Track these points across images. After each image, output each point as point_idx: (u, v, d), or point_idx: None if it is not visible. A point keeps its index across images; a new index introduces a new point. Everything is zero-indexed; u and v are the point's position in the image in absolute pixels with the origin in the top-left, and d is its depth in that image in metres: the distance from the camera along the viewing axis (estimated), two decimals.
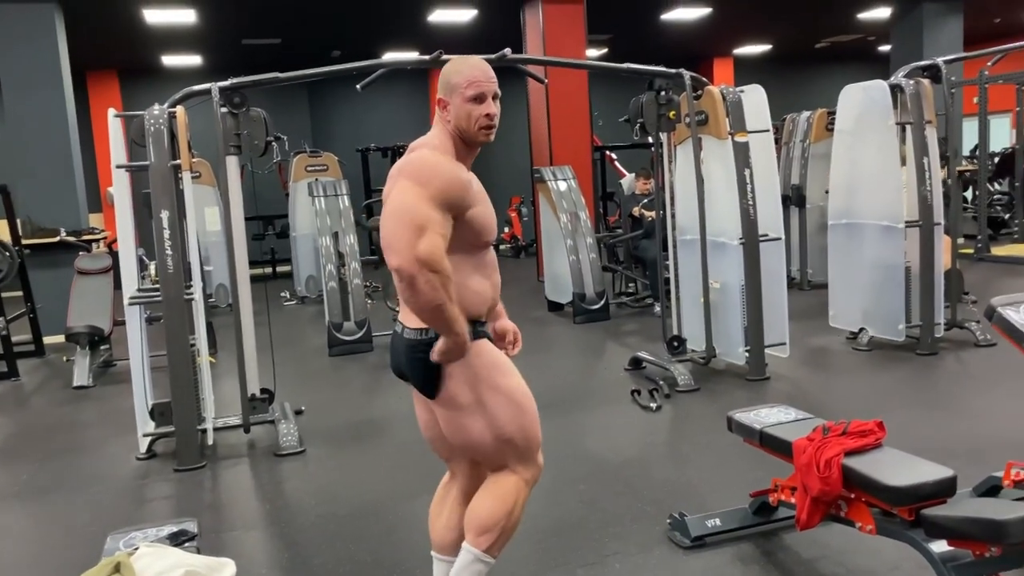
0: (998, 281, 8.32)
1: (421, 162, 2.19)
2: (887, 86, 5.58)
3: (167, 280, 4.26)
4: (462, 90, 2.22)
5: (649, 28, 12.56)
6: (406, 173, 2.17)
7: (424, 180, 2.12)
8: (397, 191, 2.14)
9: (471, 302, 2.27)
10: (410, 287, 2.03)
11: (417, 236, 2.03)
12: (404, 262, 2.02)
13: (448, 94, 2.25)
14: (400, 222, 2.06)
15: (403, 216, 2.07)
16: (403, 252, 2.02)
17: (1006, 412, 4.47)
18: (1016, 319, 2.89)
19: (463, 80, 2.23)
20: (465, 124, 2.24)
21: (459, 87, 2.23)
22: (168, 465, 4.38)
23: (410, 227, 2.04)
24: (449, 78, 2.26)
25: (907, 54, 11.16)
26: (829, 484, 2.56)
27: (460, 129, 2.25)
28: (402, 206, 2.09)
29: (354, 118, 14.96)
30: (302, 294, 10.16)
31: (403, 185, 2.14)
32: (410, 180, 2.14)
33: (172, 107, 4.41)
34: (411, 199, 2.09)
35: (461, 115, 2.23)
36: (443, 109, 2.27)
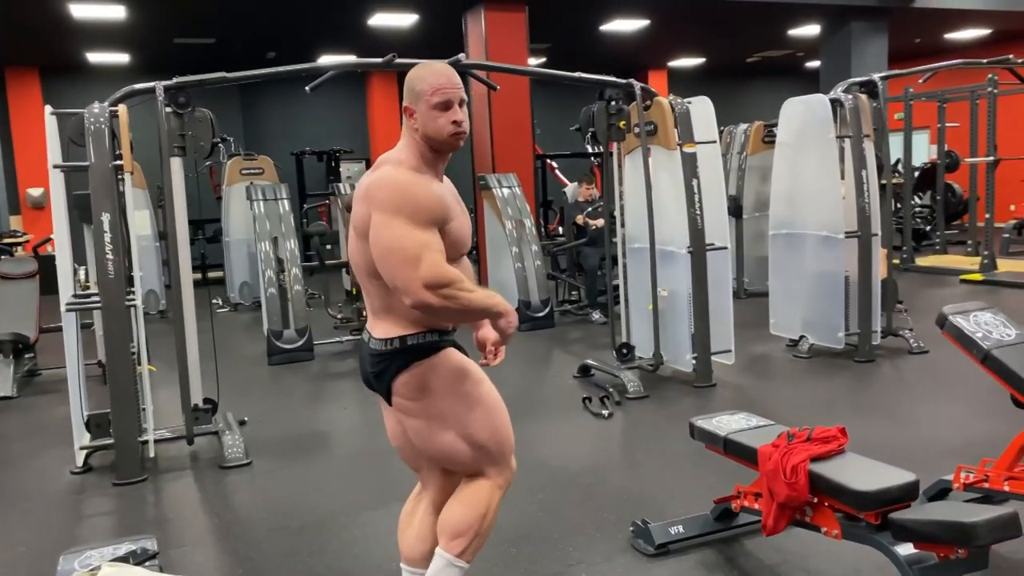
0: (924, 291, 8.65)
1: (391, 188, 2.13)
2: (827, 100, 5.75)
3: (107, 286, 4.08)
4: (427, 97, 2.17)
5: (588, 38, 12.69)
6: (379, 204, 2.12)
7: (400, 207, 2.09)
8: (379, 227, 2.10)
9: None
10: (433, 313, 2.09)
11: (416, 267, 2.03)
12: (415, 297, 2.05)
13: (414, 102, 2.20)
14: (397, 261, 2.06)
15: (396, 253, 2.06)
16: (410, 288, 2.05)
17: (943, 417, 4.63)
18: (966, 327, 2.99)
19: (428, 87, 2.18)
20: (433, 132, 2.19)
21: (424, 94, 2.18)
22: (106, 479, 4.19)
23: (407, 262, 2.04)
24: (414, 85, 2.21)
25: (836, 70, 11.55)
26: (796, 490, 2.59)
27: (428, 137, 2.21)
28: (391, 243, 2.07)
29: (288, 121, 14.69)
30: (236, 301, 9.91)
31: (382, 220, 2.10)
32: (387, 212, 2.09)
33: (113, 105, 4.23)
34: (397, 232, 2.07)
35: (429, 123, 2.19)
36: (410, 117, 2.22)
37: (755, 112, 11.81)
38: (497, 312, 2.16)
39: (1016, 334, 2.99)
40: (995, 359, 2.89)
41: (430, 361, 2.22)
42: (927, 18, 12.21)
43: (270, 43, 12.05)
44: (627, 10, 10.95)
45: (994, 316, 3.07)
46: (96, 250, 4.06)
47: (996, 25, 13.32)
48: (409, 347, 2.20)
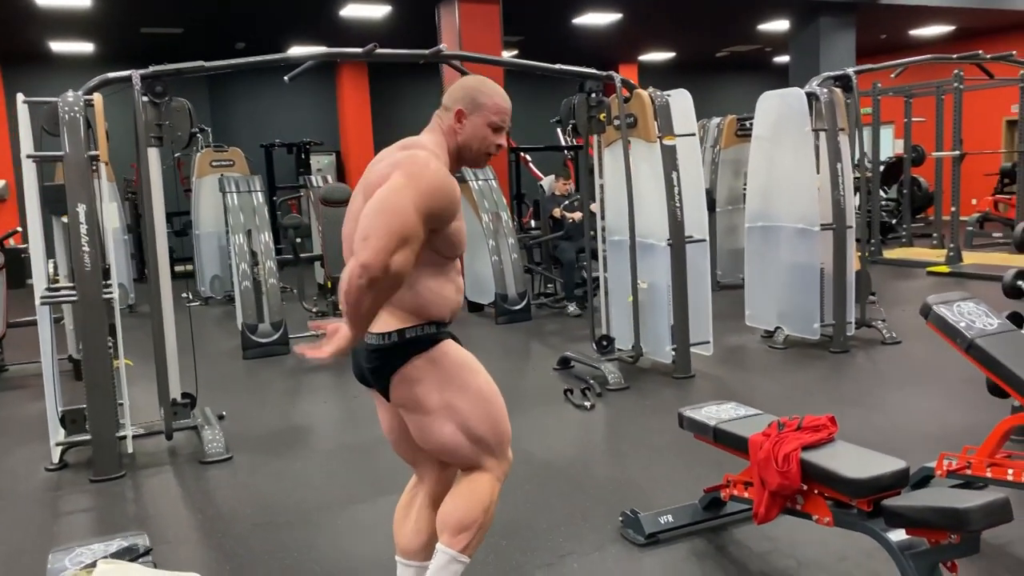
0: (893, 283, 8.80)
1: (425, 166, 2.10)
2: (803, 94, 5.81)
3: (84, 279, 3.99)
4: (489, 114, 2.22)
5: (560, 32, 12.69)
6: (406, 169, 2.08)
7: (423, 188, 2.04)
8: (393, 186, 2.05)
9: (439, 306, 2.24)
10: (369, 285, 1.96)
11: (398, 246, 1.98)
12: (376, 264, 1.94)
13: (471, 110, 2.22)
14: (388, 224, 1.98)
15: (393, 219, 1.99)
16: (379, 254, 1.95)
17: (919, 406, 4.72)
18: (950, 316, 3.04)
19: (493, 105, 2.22)
20: (476, 145, 2.24)
21: (486, 108, 2.22)
22: (83, 476, 4.11)
23: (396, 234, 1.98)
24: (477, 96, 2.22)
25: (805, 65, 11.68)
26: (788, 478, 2.62)
27: (467, 147, 2.24)
28: (394, 207, 2.01)
29: (257, 113, 14.51)
30: (206, 295, 9.78)
31: (400, 183, 2.05)
32: (409, 181, 2.05)
33: (88, 94, 4.13)
34: (404, 203, 2.02)
35: (476, 134, 2.22)
36: (457, 120, 2.22)
37: (724, 106, 11.91)
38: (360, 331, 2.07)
39: (998, 324, 3.05)
40: (979, 348, 2.95)
41: (429, 354, 2.21)
42: (893, 14, 12.39)
43: (239, 33, 11.88)
44: (600, 3, 10.97)
45: (976, 306, 3.13)
46: (72, 242, 3.97)
47: (959, 22, 13.57)
48: (408, 340, 2.18)
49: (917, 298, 8.05)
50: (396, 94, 15.22)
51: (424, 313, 2.20)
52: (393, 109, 15.14)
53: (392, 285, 2.01)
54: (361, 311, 2.02)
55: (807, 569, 2.87)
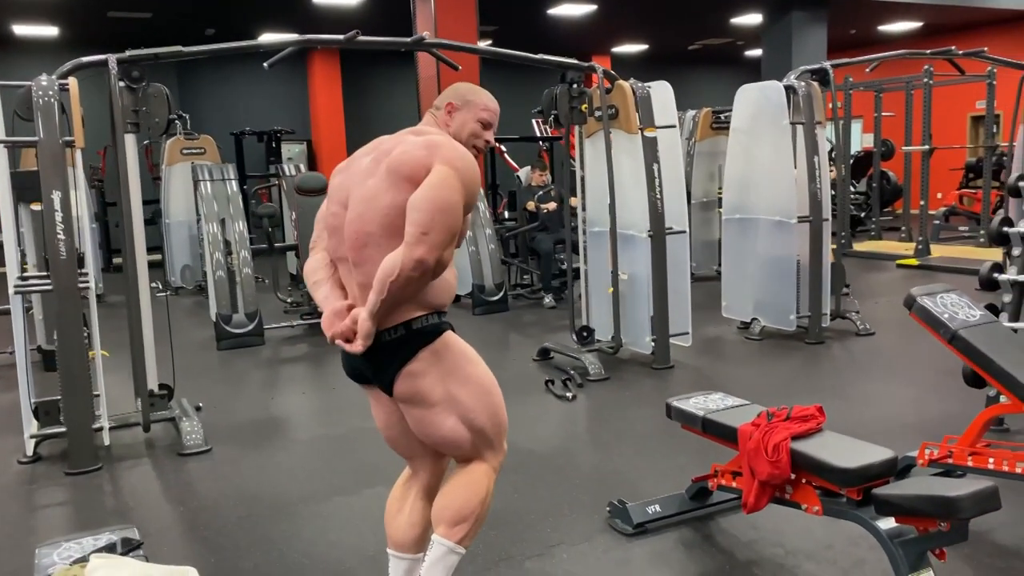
0: (863, 275, 8.92)
1: (464, 156, 2.16)
2: (782, 87, 5.85)
3: (59, 267, 3.91)
4: (478, 110, 2.34)
5: (535, 22, 12.65)
6: (449, 159, 2.11)
7: (467, 179, 2.12)
8: (446, 181, 2.07)
9: (443, 292, 2.24)
10: (421, 278, 2.06)
11: (450, 241, 2.09)
12: (432, 259, 2.04)
13: (462, 105, 2.33)
14: (446, 223, 2.06)
15: (451, 217, 2.07)
16: (436, 249, 2.05)
17: (895, 396, 4.79)
18: (933, 308, 3.08)
19: (482, 103, 2.34)
20: (464, 138, 2.31)
21: (476, 106, 2.33)
22: (58, 469, 4.03)
23: (451, 231, 2.08)
24: (467, 95, 2.36)
25: (777, 59, 11.79)
26: (779, 468, 2.64)
27: (456, 138, 2.29)
28: (449, 204, 2.07)
29: (228, 101, 14.30)
30: (177, 284, 9.64)
31: (450, 176, 2.08)
32: (456, 174, 2.09)
33: (63, 78, 4.03)
34: (456, 199, 2.09)
35: (465, 129, 2.32)
36: (448, 113, 2.34)
37: (696, 99, 11.97)
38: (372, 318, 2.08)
39: (980, 315, 3.10)
40: (962, 339, 2.99)
41: (433, 346, 2.19)
42: (863, 9, 12.55)
43: (210, 19, 11.68)
44: None
45: (959, 297, 3.18)
46: (47, 230, 3.88)
47: (927, 19, 13.77)
48: (415, 333, 2.16)
49: (888, 290, 8.25)
50: (368, 84, 15.09)
51: (428, 301, 2.18)
52: (365, 99, 15.01)
53: (435, 274, 2.10)
54: (401, 298, 2.08)
55: (794, 557, 2.90)
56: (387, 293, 2.04)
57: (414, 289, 2.07)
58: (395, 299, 2.06)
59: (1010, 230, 3.90)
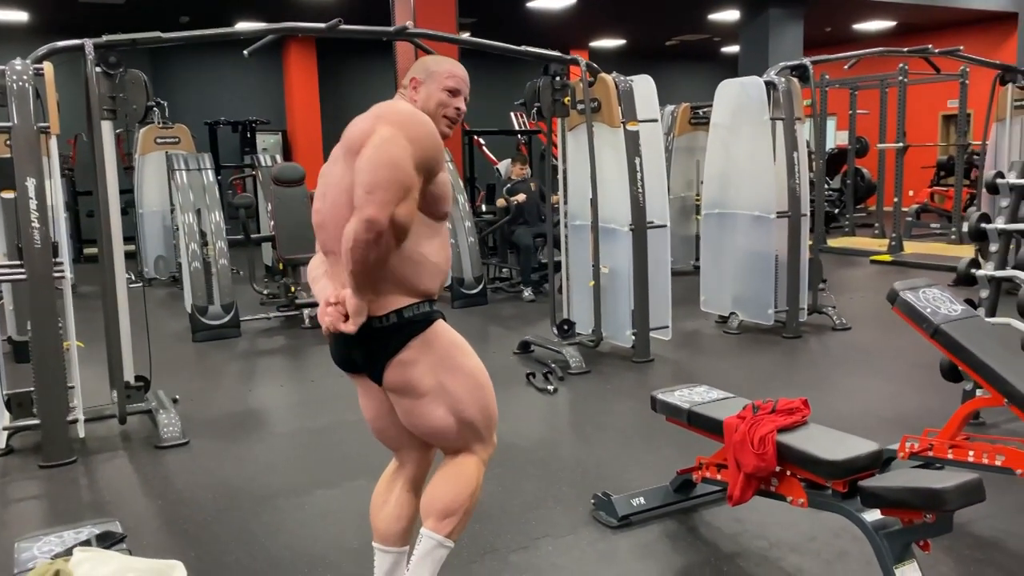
0: (838, 271, 9.01)
1: (410, 114, 2.10)
2: (762, 82, 5.88)
3: (33, 257, 3.82)
4: (442, 79, 2.24)
5: (513, 15, 12.61)
6: (391, 120, 2.06)
7: (414, 136, 2.04)
8: (385, 137, 2.02)
9: (431, 276, 2.18)
10: (376, 241, 1.97)
11: (402, 196, 2.00)
12: (383, 217, 1.96)
13: (424, 77, 2.24)
14: (391, 176, 1.99)
15: (394, 171, 1.99)
16: (385, 207, 1.97)
17: (870, 390, 4.84)
18: (916, 302, 3.11)
19: (445, 71, 2.24)
20: (432, 109, 2.21)
21: (439, 75, 2.25)
22: (31, 461, 3.96)
23: (400, 186, 2.00)
24: (429, 65, 2.28)
25: (755, 55, 11.86)
26: (765, 460, 2.65)
27: (426, 112, 2.20)
28: (391, 158, 2.00)
29: (202, 90, 14.10)
30: (150, 275, 9.50)
31: (392, 134, 2.02)
32: (399, 129, 2.03)
33: (37, 63, 3.95)
34: (399, 152, 2.01)
35: (432, 100, 2.22)
36: (413, 88, 2.25)
37: (673, 94, 11.98)
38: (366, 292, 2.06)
39: (962, 310, 3.14)
40: (944, 333, 3.02)
41: (424, 336, 2.16)
42: (839, 7, 12.65)
43: (184, 7, 11.50)
44: None
45: (941, 292, 3.21)
46: (21, 219, 3.79)
47: (900, 18, 13.92)
48: (406, 321, 2.13)
49: (863, 286, 8.33)
50: (345, 75, 14.96)
51: (419, 287, 2.15)
52: (341, 90, 14.88)
53: (398, 237, 2.03)
54: (368, 268, 2.01)
55: (778, 549, 2.92)
56: (352, 263, 2.00)
57: (377, 255, 1.98)
58: (365, 268, 2.00)
59: (988, 226, 3.95)
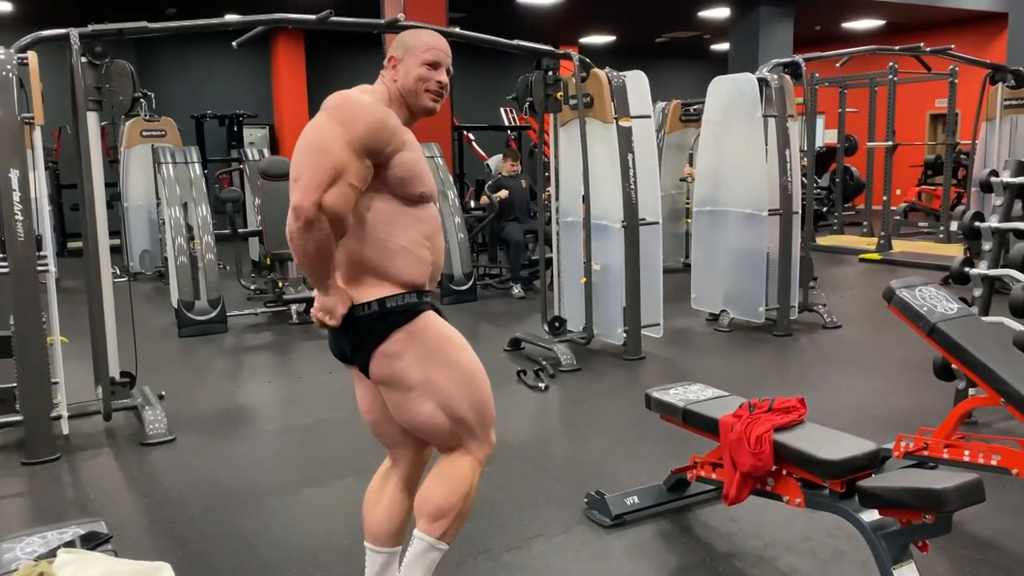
0: (828, 269, 9.00)
1: (345, 99, 2.06)
2: (755, 79, 5.86)
3: (16, 250, 3.75)
4: (419, 53, 2.16)
5: (503, 10, 12.56)
6: (326, 106, 2.05)
7: (345, 119, 2.01)
8: (313, 126, 2.03)
9: (412, 265, 2.13)
10: (306, 228, 1.96)
11: (329, 182, 1.96)
12: (309, 204, 1.95)
13: (402, 53, 2.17)
14: (315, 162, 1.97)
15: (319, 157, 1.97)
16: (311, 194, 1.95)
17: (861, 388, 4.83)
18: (912, 301, 3.09)
19: (422, 44, 2.17)
20: (412, 85, 2.15)
21: (416, 50, 2.16)
22: (13, 459, 3.88)
23: (325, 170, 1.97)
24: (406, 40, 2.19)
25: (744, 53, 11.85)
26: (761, 460, 2.62)
27: (406, 91, 2.16)
28: (319, 144, 1.99)
29: (189, 83, 13.96)
30: (135, 270, 9.40)
31: (321, 119, 2.03)
32: (330, 116, 2.02)
33: (21, 52, 3.86)
34: (328, 138, 1.99)
35: (411, 76, 2.15)
36: (392, 67, 2.18)
37: (663, 92, 11.95)
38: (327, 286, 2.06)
39: (958, 308, 3.12)
40: (941, 332, 3.01)
41: (410, 327, 2.12)
42: (829, 6, 12.66)
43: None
44: None
45: (936, 290, 3.19)
46: (4, 211, 3.71)
47: (889, 17, 13.96)
48: (388, 311, 2.09)
49: (852, 284, 8.34)
50: (333, 69, 14.84)
51: (401, 277, 2.11)
52: (330, 84, 14.52)
53: (334, 224, 1.99)
54: (312, 260, 1.99)
55: (773, 548, 2.89)
56: (295, 256, 2.02)
57: (316, 244, 1.96)
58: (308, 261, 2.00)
59: (982, 225, 3.94)
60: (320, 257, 2.00)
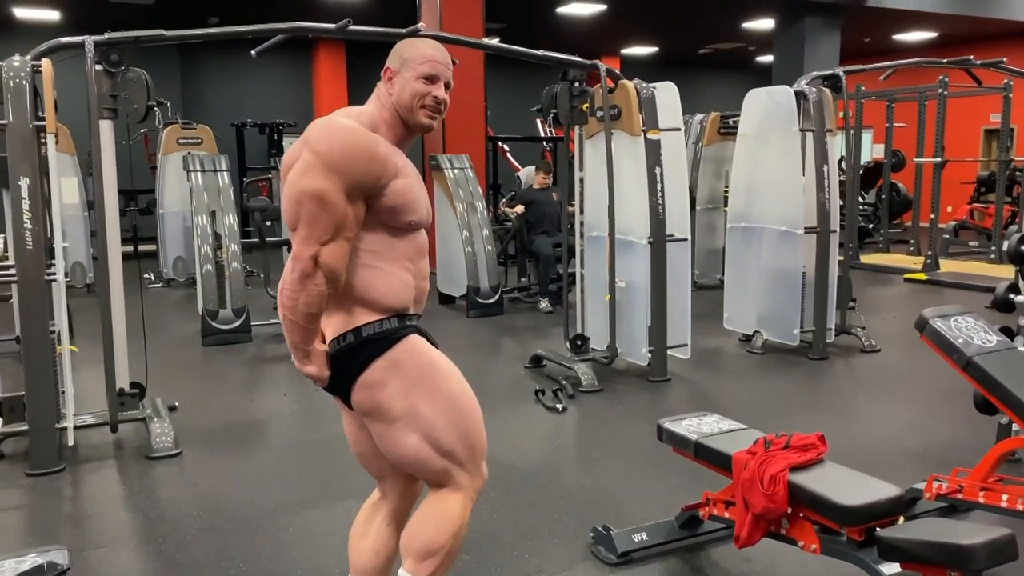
0: (870, 289, 8.69)
1: (326, 130, 1.91)
2: (792, 92, 5.64)
3: (25, 257, 3.72)
4: (415, 65, 2.02)
5: (544, 20, 12.45)
6: (310, 140, 1.91)
7: (334, 162, 1.87)
8: (301, 168, 1.89)
9: (396, 292, 2.01)
10: (301, 281, 1.88)
11: (329, 235, 1.86)
12: (304, 255, 1.87)
13: (399, 66, 2.04)
14: (313, 215, 1.86)
15: (317, 209, 1.86)
16: (309, 247, 1.87)
17: (900, 419, 4.56)
18: (947, 332, 2.87)
19: (419, 55, 2.04)
20: (408, 101, 2.02)
21: (413, 61, 2.03)
22: (18, 468, 3.84)
23: (325, 224, 1.86)
24: (403, 51, 2.06)
25: (789, 65, 11.56)
26: (775, 501, 2.43)
27: (401, 106, 2.03)
28: (316, 195, 1.86)
29: (230, 91, 14.11)
30: (168, 276, 9.46)
31: (309, 161, 1.88)
32: (317, 157, 1.87)
33: (37, 59, 3.84)
34: (315, 186, 1.86)
35: (406, 90, 2.02)
36: (388, 80, 2.05)
37: (706, 103, 11.76)
38: (308, 348, 1.98)
39: (997, 340, 2.89)
40: (977, 367, 2.78)
41: (391, 354, 1.99)
42: (879, 18, 12.30)
43: (214, 8, 11.49)
44: None
45: (975, 321, 2.97)
46: (13, 218, 3.69)
47: (943, 29, 13.53)
48: (366, 340, 1.97)
49: (895, 305, 8.01)
50: (374, 78, 14.83)
51: (381, 303, 1.98)
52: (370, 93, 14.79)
53: (329, 281, 1.89)
54: (298, 315, 1.90)
55: None
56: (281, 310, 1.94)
57: (308, 298, 1.87)
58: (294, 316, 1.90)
59: None
60: (307, 316, 1.90)
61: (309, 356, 1.99)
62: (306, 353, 1.98)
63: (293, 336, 1.96)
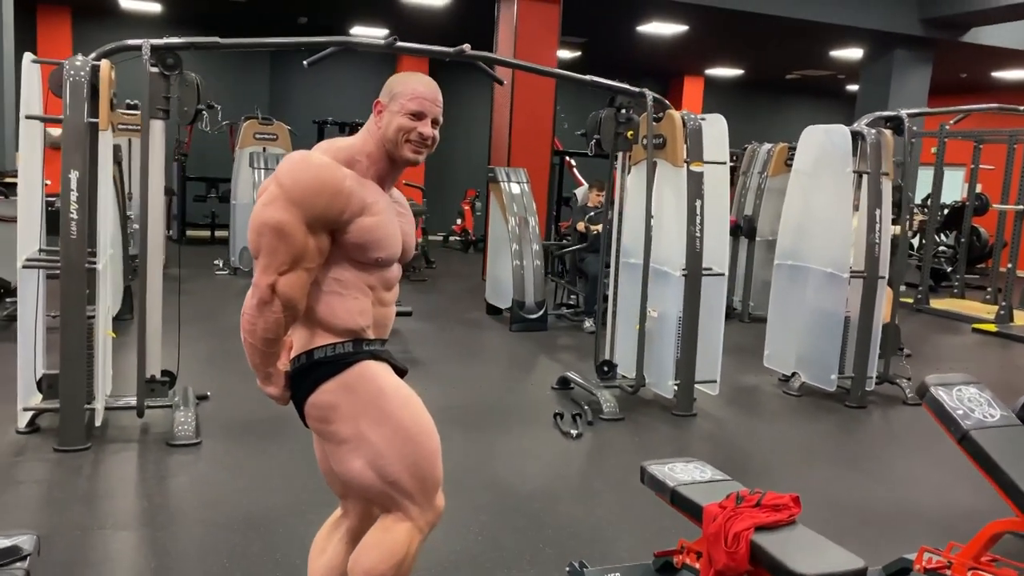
0: (933, 336, 8.37)
1: (296, 169, 1.97)
2: (848, 132, 5.49)
3: (69, 246, 3.94)
4: (404, 101, 2.06)
5: (624, 37, 12.40)
6: (279, 177, 1.98)
7: (298, 197, 1.93)
8: (265, 200, 1.97)
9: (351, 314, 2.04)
10: (259, 308, 1.95)
11: (287, 266, 1.93)
12: (264, 286, 1.94)
13: (388, 100, 2.09)
14: (272, 245, 1.93)
15: (276, 240, 1.93)
16: (267, 276, 1.94)
17: (926, 480, 4.40)
18: (947, 402, 2.77)
19: (409, 91, 2.07)
20: (393, 136, 2.06)
21: (401, 96, 2.07)
22: (49, 443, 4.06)
23: (283, 255, 1.93)
24: (394, 86, 2.11)
25: (874, 97, 11.23)
26: (735, 560, 2.40)
27: (387, 140, 2.07)
28: (276, 227, 1.93)
29: (315, 89, 14.50)
30: (235, 265, 9.80)
31: (273, 193, 1.96)
32: (281, 190, 1.95)
33: (99, 59, 4.07)
34: (286, 219, 1.92)
35: (392, 125, 2.06)
36: (377, 114, 2.10)
37: (789, 131, 11.46)
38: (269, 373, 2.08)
39: (1000, 416, 2.77)
40: (973, 441, 2.68)
41: (342, 378, 2.04)
42: (975, 54, 11.82)
43: (305, 7, 11.88)
44: (664, 13, 10.66)
45: (980, 392, 2.85)
46: (61, 208, 3.91)
47: None
48: (316, 362, 2.04)
49: (957, 356, 7.70)
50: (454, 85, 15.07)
51: (338, 326, 2.03)
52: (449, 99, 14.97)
53: (286, 309, 1.95)
54: (256, 339, 1.97)
55: None
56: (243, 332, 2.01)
57: (266, 324, 1.95)
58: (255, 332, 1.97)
59: None
60: (265, 341, 1.98)
61: (270, 378, 2.07)
62: (267, 375, 2.06)
63: (253, 359, 2.04)
